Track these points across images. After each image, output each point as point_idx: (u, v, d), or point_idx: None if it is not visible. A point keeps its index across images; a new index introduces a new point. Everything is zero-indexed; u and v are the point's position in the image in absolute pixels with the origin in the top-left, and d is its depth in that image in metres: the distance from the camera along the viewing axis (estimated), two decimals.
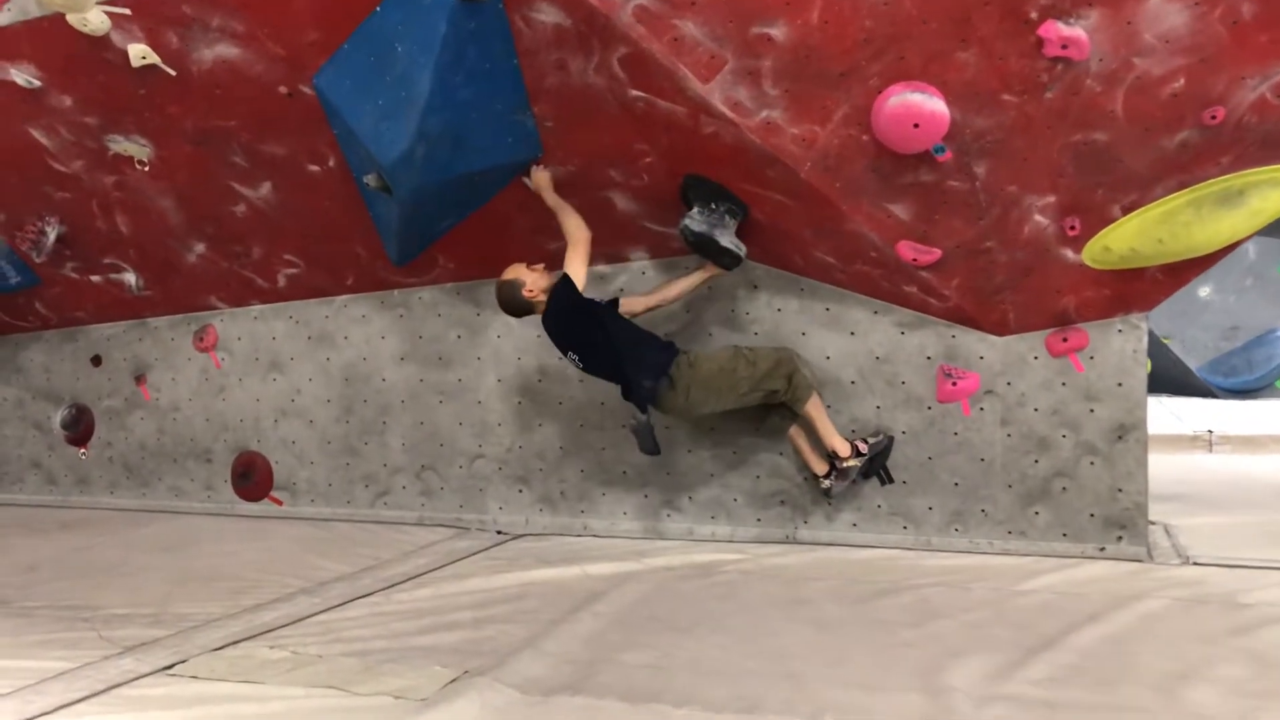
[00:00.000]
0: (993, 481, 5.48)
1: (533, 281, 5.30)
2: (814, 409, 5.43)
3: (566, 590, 4.81)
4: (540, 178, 5.49)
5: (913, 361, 5.58)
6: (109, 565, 5.64)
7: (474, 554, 5.69)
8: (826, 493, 5.58)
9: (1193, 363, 13.15)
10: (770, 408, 5.53)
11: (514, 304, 5.39)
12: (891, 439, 5.59)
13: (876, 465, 5.58)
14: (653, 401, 5.31)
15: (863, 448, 5.49)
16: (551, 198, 5.45)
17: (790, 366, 5.36)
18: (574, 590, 4.80)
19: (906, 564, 5.27)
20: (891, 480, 5.61)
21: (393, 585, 5.00)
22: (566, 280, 5.19)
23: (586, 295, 5.27)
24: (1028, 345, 5.39)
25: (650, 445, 5.59)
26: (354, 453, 6.99)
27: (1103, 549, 5.30)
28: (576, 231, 5.29)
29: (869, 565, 5.23)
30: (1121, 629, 4.07)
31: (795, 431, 5.60)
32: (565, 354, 5.44)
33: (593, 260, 5.99)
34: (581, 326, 5.31)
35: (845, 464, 5.47)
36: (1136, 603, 4.39)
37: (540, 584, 4.97)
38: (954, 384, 5.49)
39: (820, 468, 5.58)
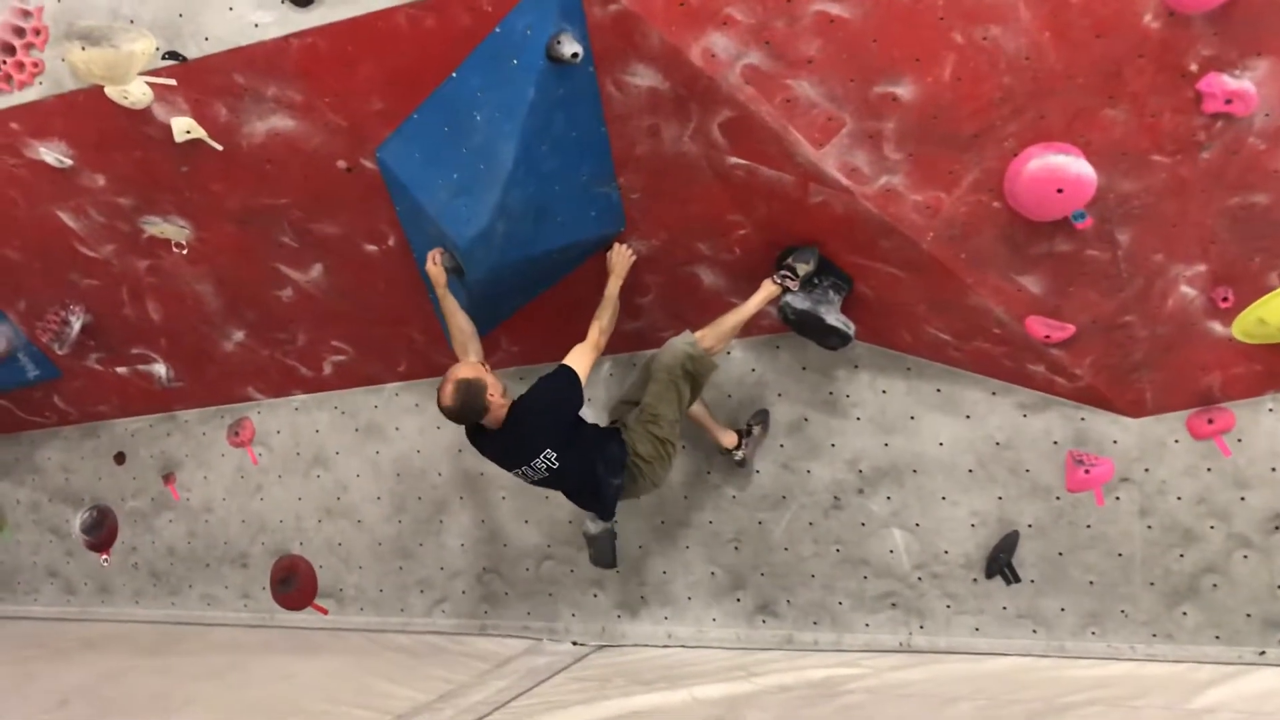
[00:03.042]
0: (1133, 579, 5.09)
1: (494, 384, 4.70)
2: (723, 341, 5.14)
3: None
4: (622, 261, 5.14)
5: (1038, 447, 5.21)
6: (152, 696, 5.23)
7: (557, 673, 5.29)
8: (741, 462, 5.52)
9: None
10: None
11: (472, 408, 4.69)
12: (1016, 533, 5.22)
13: (1000, 562, 5.21)
14: (616, 499, 5.05)
15: (792, 286, 5.02)
16: (616, 287, 5.09)
17: (687, 371, 4.94)
18: None
19: (1046, 675, 4.88)
20: (1018, 579, 5.25)
21: (481, 719, 4.56)
22: (569, 373, 4.78)
23: None
24: (1167, 428, 5.02)
25: (609, 557, 5.43)
26: (407, 555, 6.60)
27: (1263, 653, 4.88)
28: (601, 338, 4.96)
29: (1006, 678, 4.83)
30: None
31: (698, 409, 5.38)
32: (525, 463, 4.81)
33: None
34: (569, 425, 4.86)
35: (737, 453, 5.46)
36: None
37: (647, 714, 4.56)
38: (1086, 471, 5.11)
39: (728, 440, 5.48)
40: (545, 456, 4.76)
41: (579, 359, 4.82)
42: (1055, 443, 5.17)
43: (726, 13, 4.17)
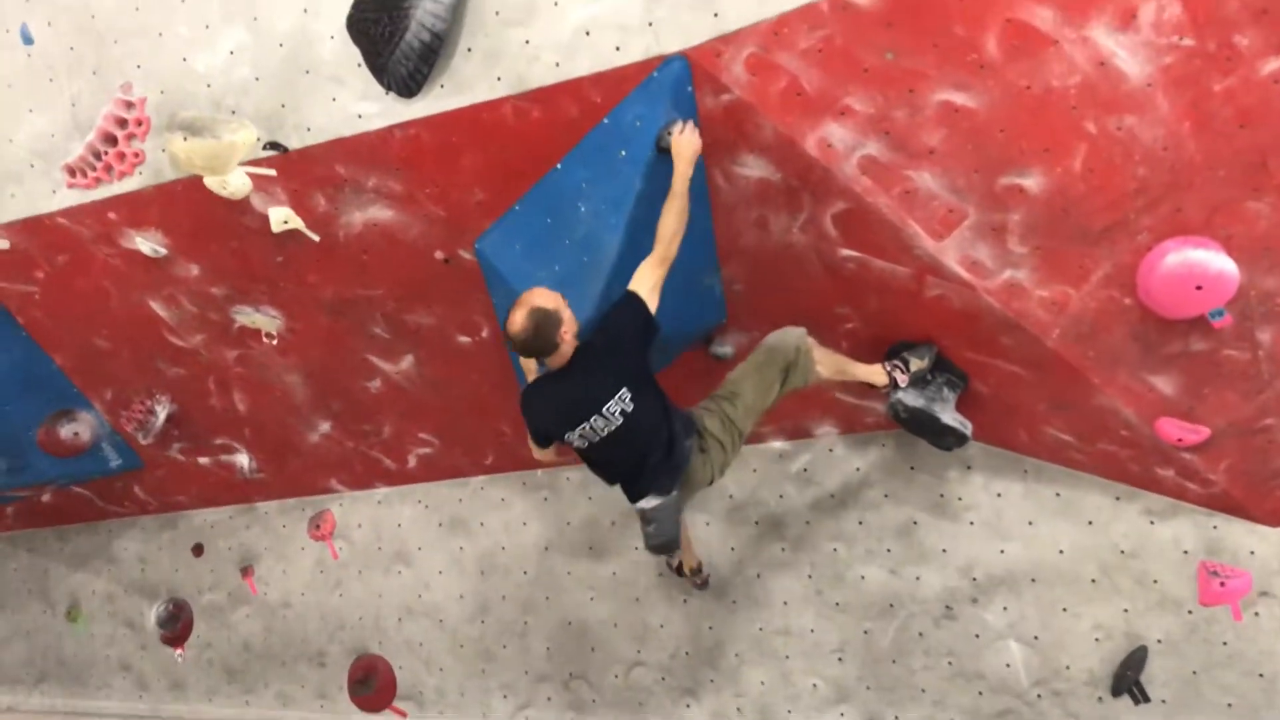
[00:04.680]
0: (1276, 702, 4.79)
1: (570, 321, 4.14)
2: (827, 370, 4.65)
3: None
4: (691, 145, 4.22)
5: (1167, 556, 4.94)
6: None
7: None
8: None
9: None
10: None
11: (543, 339, 4.08)
12: (1145, 649, 4.94)
13: (1128, 680, 4.92)
14: (683, 468, 4.36)
15: (901, 379, 4.85)
16: (685, 178, 4.21)
17: (786, 361, 4.50)
18: None
19: None
20: (1147, 699, 4.96)
21: None
22: (635, 299, 4.14)
23: None
24: None
25: (673, 530, 4.57)
26: (490, 657, 6.43)
27: None
28: (669, 248, 4.20)
29: None
30: None
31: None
32: (597, 410, 4.16)
33: (773, 435, 5.55)
34: (644, 361, 4.25)
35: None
36: None
37: None
38: (1221, 584, 4.83)
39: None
40: (620, 398, 4.14)
41: (646, 278, 4.18)
42: (1185, 552, 4.91)
43: (845, 103, 4.10)
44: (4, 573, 8.06)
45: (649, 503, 4.51)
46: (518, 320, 4.06)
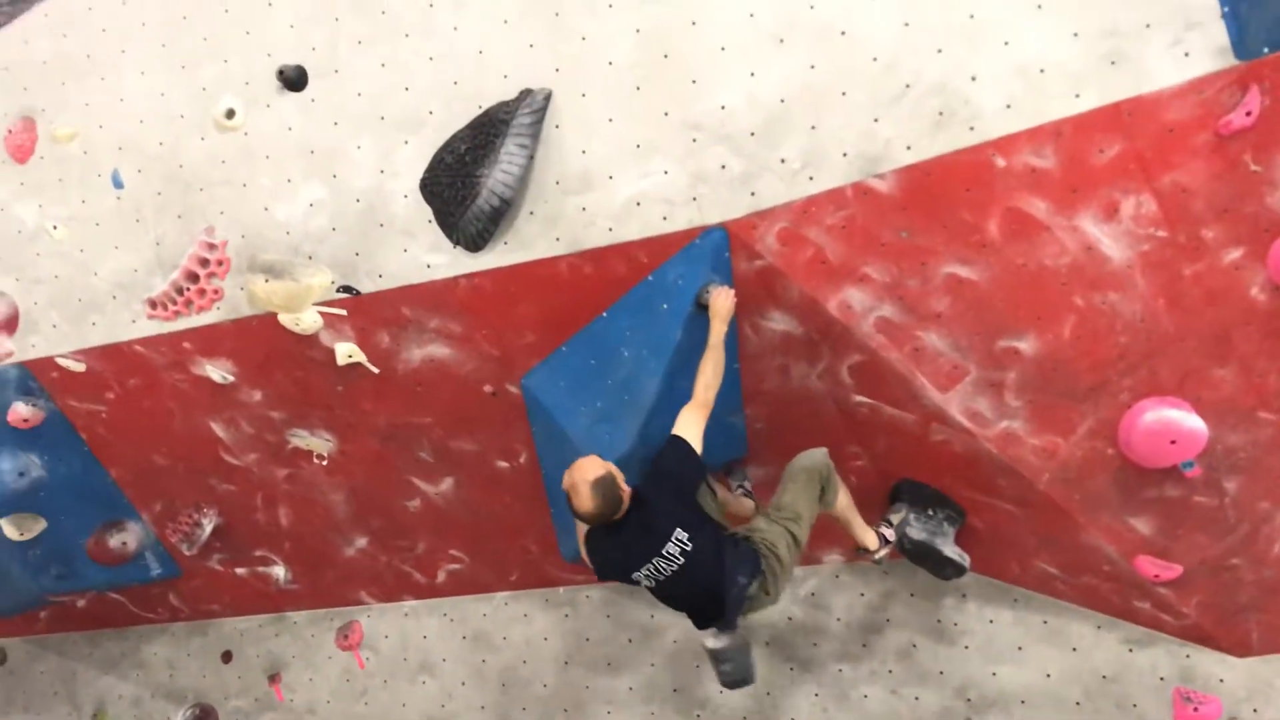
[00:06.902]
0: None
1: (619, 472, 4.40)
2: (843, 499, 5.02)
3: None
4: (726, 305, 4.69)
5: (1144, 682, 5.36)
6: None
7: None
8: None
9: None
10: None
11: (612, 502, 4.28)
12: None
13: None
14: (741, 607, 4.58)
15: (889, 534, 5.30)
16: (721, 333, 4.66)
17: (822, 479, 4.86)
18: None
19: None
20: None
21: None
22: (680, 442, 4.44)
23: None
24: (1274, 669, 5.18)
25: (746, 670, 4.76)
26: None
27: None
28: (708, 393, 4.58)
29: None
30: None
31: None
32: (657, 552, 4.35)
33: None
34: (695, 502, 4.55)
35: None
36: None
37: None
38: (1195, 709, 5.25)
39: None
40: (677, 539, 4.33)
41: (688, 423, 4.51)
42: (1161, 679, 5.32)
43: (864, 271, 4.64)
44: (32, 675, 8.23)
45: (716, 642, 4.68)
46: (586, 497, 4.26)
